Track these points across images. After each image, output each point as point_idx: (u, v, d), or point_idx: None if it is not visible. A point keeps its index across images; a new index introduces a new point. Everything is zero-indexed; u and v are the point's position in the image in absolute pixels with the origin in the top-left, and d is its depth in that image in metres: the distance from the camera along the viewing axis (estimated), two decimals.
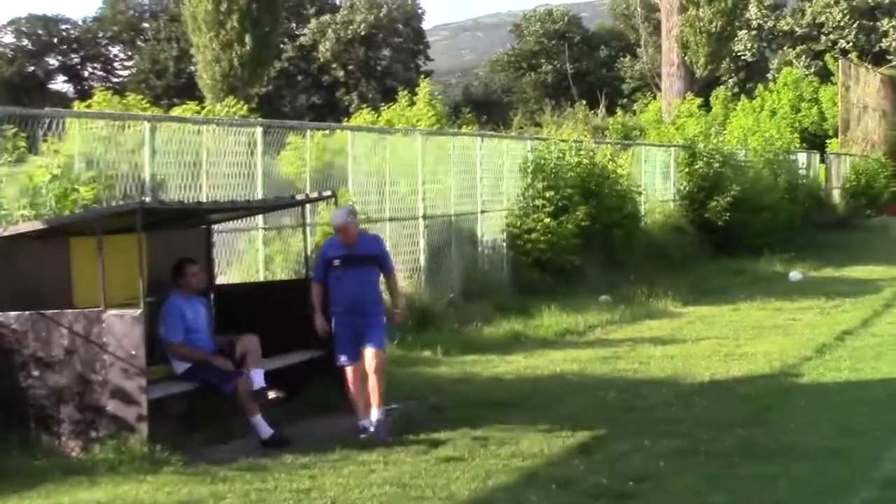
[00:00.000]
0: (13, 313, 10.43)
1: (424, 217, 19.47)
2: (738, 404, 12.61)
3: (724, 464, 9.90)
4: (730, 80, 68.14)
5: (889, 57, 62.34)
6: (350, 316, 11.31)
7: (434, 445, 10.75)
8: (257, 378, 11.16)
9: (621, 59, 79.55)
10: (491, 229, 21.68)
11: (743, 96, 54.33)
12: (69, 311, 10.51)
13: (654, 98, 54.01)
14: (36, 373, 10.35)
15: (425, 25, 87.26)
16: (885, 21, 67.02)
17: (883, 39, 66.29)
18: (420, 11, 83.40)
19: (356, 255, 11.34)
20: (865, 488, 9.02)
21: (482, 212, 21.43)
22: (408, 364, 15.17)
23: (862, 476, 9.40)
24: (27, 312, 10.41)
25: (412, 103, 27.33)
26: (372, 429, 11.15)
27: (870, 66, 56.20)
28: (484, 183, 21.60)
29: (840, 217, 42.07)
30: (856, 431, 11.06)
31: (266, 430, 10.94)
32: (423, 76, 36.07)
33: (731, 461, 9.97)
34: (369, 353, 11.29)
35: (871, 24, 69.06)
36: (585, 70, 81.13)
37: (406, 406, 12.69)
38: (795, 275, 27.37)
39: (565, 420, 11.76)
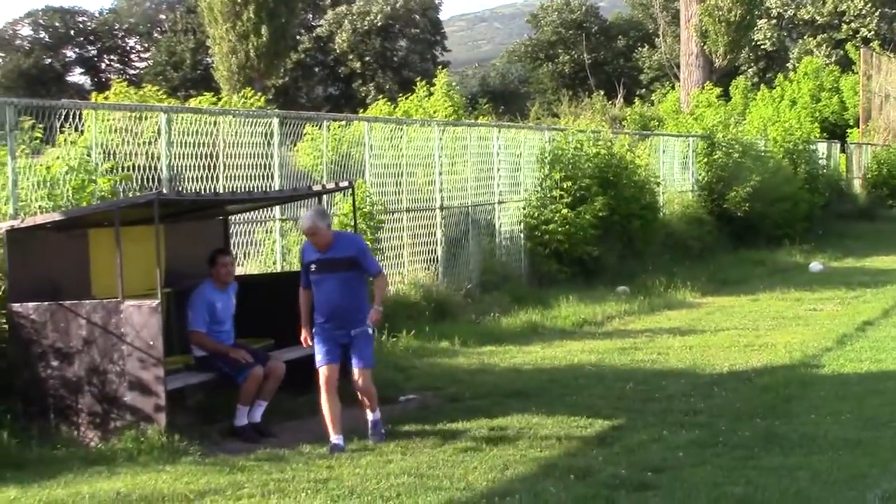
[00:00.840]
0: (32, 304, 10.46)
1: (441, 208, 19.45)
2: (758, 395, 12.55)
3: (743, 455, 9.85)
4: (749, 70, 67.89)
5: None
6: (331, 324, 10.54)
7: (452, 436, 10.74)
8: (259, 411, 11.15)
9: (639, 48, 79.28)
10: (508, 220, 21.66)
11: (763, 86, 54.05)
12: (87, 301, 10.54)
13: (673, 88, 53.80)
14: (55, 363, 10.39)
15: (442, 16, 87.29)
16: None
17: None
18: (437, 2, 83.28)
19: (330, 259, 10.51)
20: (886, 479, 8.94)
21: (499, 202, 21.40)
22: (425, 355, 15.19)
23: (883, 467, 9.31)
24: (46, 303, 10.45)
25: (429, 94, 27.31)
26: (370, 433, 10.67)
27: (892, 55, 55.84)
28: (501, 173, 21.57)
29: (861, 207, 41.90)
30: (877, 422, 10.98)
31: (242, 420, 11.00)
32: (440, 67, 36.02)
33: (751, 452, 9.93)
34: (356, 372, 10.60)
35: (894, 12, 68.64)
36: (603, 60, 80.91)
37: (424, 397, 12.73)
38: (816, 265, 27.30)
39: (583, 411, 11.74)
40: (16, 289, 10.59)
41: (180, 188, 13.89)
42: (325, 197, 14.14)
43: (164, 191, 13.16)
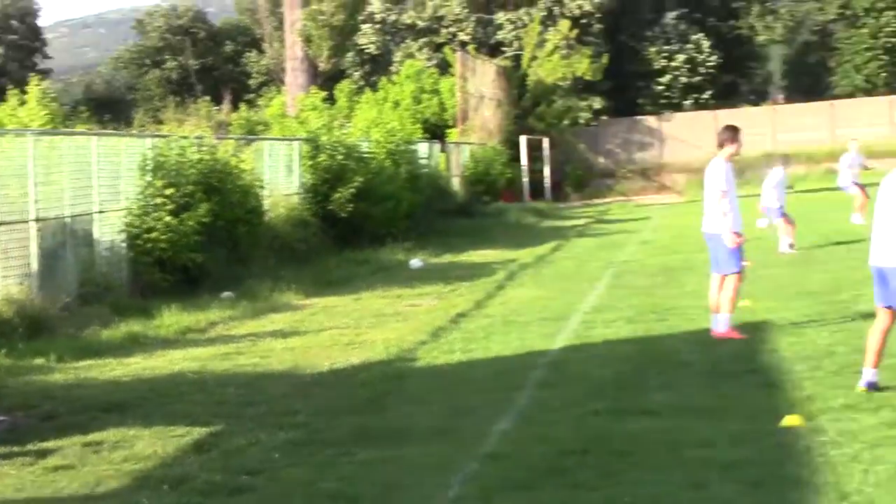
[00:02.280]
0: None
1: (37, 220, 18.78)
2: (356, 392, 12.79)
3: (338, 451, 10.04)
4: (355, 73, 69.18)
5: (504, 49, 64.76)
6: None
7: (42, 455, 10.40)
8: None
9: (248, 53, 79.36)
10: (109, 229, 21.16)
11: (367, 89, 55.23)
12: None
13: (280, 92, 54.18)
14: None
15: (44, 22, 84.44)
16: (501, 14, 69.65)
17: (498, 32, 68.86)
18: (36, 8, 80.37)
19: None
20: (469, 464, 9.35)
21: (100, 212, 20.87)
22: (18, 374, 14.61)
23: (466, 453, 9.70)
24: None
25: (23, 103, 26.35)
26: None
27: (486, 58, 58.37)
28: (101, 183, 21.05)
29: (460, 204, 43.42)
30: (465, 410, 11.42)
31: None
32: (39, 75, 34.76)
33: (346, 448, 10.12)
34: None
35: (488, 17, 71.63)
36: (211, 65, 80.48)
37: (14, 417, 12.22)
38: (416, 262, 28.01)
39: (182, 419, 11.65)
40: None
41: None
42: None
43: None
